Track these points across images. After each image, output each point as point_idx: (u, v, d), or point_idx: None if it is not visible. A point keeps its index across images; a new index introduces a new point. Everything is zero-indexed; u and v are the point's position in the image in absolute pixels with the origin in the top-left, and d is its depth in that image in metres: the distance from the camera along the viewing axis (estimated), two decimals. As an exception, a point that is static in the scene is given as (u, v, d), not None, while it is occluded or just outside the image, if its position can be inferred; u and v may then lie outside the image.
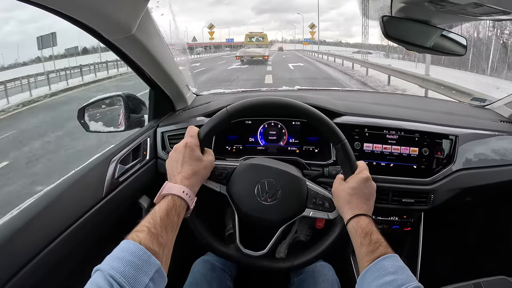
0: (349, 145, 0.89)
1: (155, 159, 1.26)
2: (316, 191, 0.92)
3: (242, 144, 1.29)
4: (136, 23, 0.91)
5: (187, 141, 0.83)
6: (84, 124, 1.29)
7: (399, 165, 1.19)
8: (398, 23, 0.94)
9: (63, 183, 0.94)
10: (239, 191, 0.91)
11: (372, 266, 0.69)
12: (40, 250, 0.76)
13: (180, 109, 1.42)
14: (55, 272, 0.80)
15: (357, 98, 1.58)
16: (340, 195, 0.85)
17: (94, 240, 0.96)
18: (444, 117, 1.30)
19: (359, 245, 0.75)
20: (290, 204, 0.91)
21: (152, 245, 0.61)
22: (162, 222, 0.66)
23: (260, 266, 0.92)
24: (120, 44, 0.99)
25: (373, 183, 0.86)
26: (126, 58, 1.08)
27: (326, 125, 0.90)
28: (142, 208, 1.18)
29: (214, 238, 0.93)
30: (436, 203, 1.18)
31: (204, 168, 0.83)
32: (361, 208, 0.81)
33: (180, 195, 0.73)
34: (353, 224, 0.78)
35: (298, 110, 0.91)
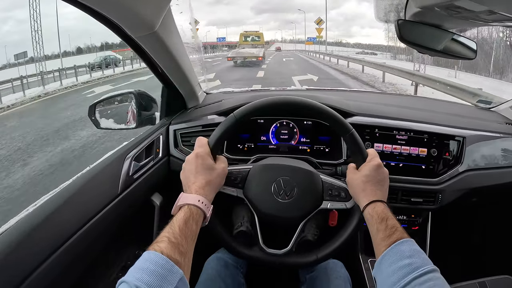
0: (357, 134, 0.91)
1: (167, 156, 1.27)
2: (331, 182, 0.94)
3: (254, 142, 1.30)
4: (160, 20, 0.93)
5: (197, 151, 0.85)
6: (95, 121, 1.30)
7: (408, 165, 1.22)
8: (412, 26, 0.96)
9: (80, 180, 0.96)
10: (256, 192, 0.93)
11: (389, 250, 0.71)
12: (59, 246, 0.77)
13: (192, 107, 1.44)
14: (70, 269, 0.81)
15: (366, 98, 1.60)
16: (355, 183, 0.87)
17: (109, 237, 0.97)
18: (451, 118, 1.32)
19: (376, 231, 0.77)
20: (308, 199, 0.92)
21: (174, 254, 0.62)
22: (181, 231, 0.68)
23: (285, 263, 0.94)
24: (142, 41, 1.00)
25: (385, 169, 0.88)
26: (144, 56, 1.09)
27: (332, 118, 0.92)
28: (154, 205, 1.19)
29: (237, 242, 0.95)
30: (444, 203, 1.20)
31: (217, 176, 0.84)
32: (375, 194, 0.83)
33: (196, 204, 0.75)
34: (369, 210, 0.81)
35: (304, 106, 0.93)
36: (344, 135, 0.92)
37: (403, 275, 0.65)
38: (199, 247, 0.81)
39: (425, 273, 0.64)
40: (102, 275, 1.03)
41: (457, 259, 1.55)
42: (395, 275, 0.66)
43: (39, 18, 22.65)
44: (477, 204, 1.36)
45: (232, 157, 1.24)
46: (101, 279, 1.02)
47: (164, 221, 1.17)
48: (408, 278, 0.64)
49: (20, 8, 57.32)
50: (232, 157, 1.24)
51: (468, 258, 1.57)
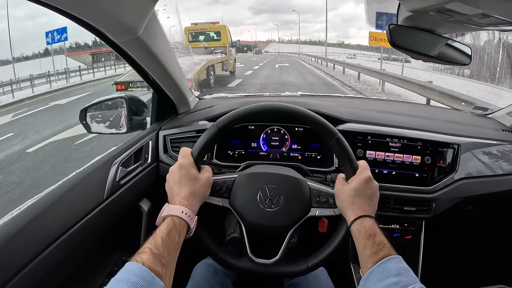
0: (344, 140, 0.88)
1: (156, 162, 1.25)
2: (319, 189, 0.92)
3: (245, 149, 1.28)
4: (143, 26, 0.91)
5: (181, 162, 0.83)
6: (85, 125, 1.29)
7: (402, 173, 1.18)
8: (404, 31, 0.94)
9: (65, 185, 0.94)
10: (242, 201, 0.91)
11: (375, 267, 0.69)
12: (40, 252, 0.75)
13: (183, 112, 1.41)
14: (54, 274, 0.79)
15: (360, 105, 1.58)
16: (343, 196, 0.84)
17: (94, 242, 0.96)
18: (446, 125, 1.29)
19: (363, 247, 0.74)
20: (295, 206, 0.90)
21: (155, 266, 0.61)
22: (164, 243, 0.67)
23: (275, 273, 0.92)
24: (126, 46, 0.98)
25: (375, 182, 0.85)
26: (131, 60, 1.07)
27: (316, 122, 0.89)
28: (142, 211, 1.17)
29: (226, 252, 0.93)
30: (438, 212, 1.17)
31: (201, 186, 0.83)
32: (364, 209, 0.80)
33: (179, 216, 0.74)
34: (356, 226, 0.78)
35: (288, 112, 0.91)
36: (329, 140, 0.88)
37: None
38: (187, 253, 0.79)
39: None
40: (88, 281, 1.02)
41: (451, 268, 1.52)
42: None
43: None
44: (472, 213, 1.33)
45: (222, 163, 1.21)
46: (87, 285, 1.01)
47: (152, 226, 1.15)
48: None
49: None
50: (222, 163, 1.21)
51: (462, 268, 1.54)
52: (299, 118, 0.91)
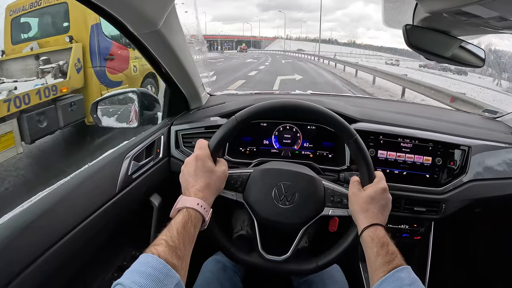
0: (361, 141, 0.90)
1: (168, 157, 1.27)
2: (333, 189, 0.94)
3: (256, 146, 1.30)
4: (163, 18, 0.93)
5: (197, 153, 0.84)
6: (96, 119, 1.31)
7: (412, 174, 1.21)
8: (420, 32, 0.97)
9: (77, 178, 0.95)
10: (256, 197, 0.92)
11: (388, 277, 0.70)
12: (53, 244, 0.76)
13: (195, 108, 1.44)
14: (65, 267, 0.80)
15: (371, 105, 1.60)
16: (358, 201, 0.85)
17: (105, 236, 0.97)
18: (457, 127, 1.32)
19: (375, 255, 0.75)
20: (309, 205, 0.91)
21: (171, 258, 0.62)
22: (179, 235, 0.67)
23: (285, 270, 0.93)
24: (144, 39, 1.00)
25: (389, 195, 0.87)
26: (147, 54, 1.09)
27: (335, 122, 0.91)
28: (153, 206, 1.19)
29: (236, 247, 0.94)
30: (447, 213, 1.19)
31: (217, 179, 0.83)
32: (377, 218, 0.82)
33: (194, 208, 0.74)
34: (369, 233, 0.79)
35: (308, 110, 0.92)
36: (347, 140, 0.91)
37: None
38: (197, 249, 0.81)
39: None
40: (98, 275, 1.03)
41: (460, 271, 1.54)
42: None
43: None
44: (481, 215, 1.35)
45: (233, 160, 1.23)
46: (97, 279, 1.02)
47: (162, 222, 1.17)
48: None
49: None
50: (233, 160, 1.23)
51: (471, 271, 1.56)
52: (319, 117, 0.92)
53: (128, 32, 0.95)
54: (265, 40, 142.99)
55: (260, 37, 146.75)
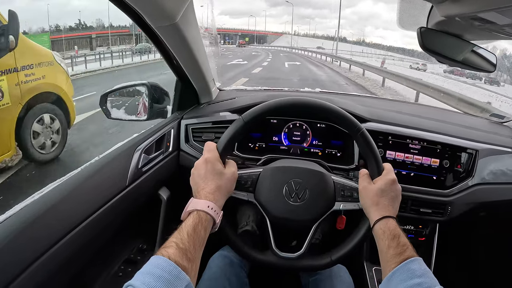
0: (368, 134, 0.92)
1: (177, 151, 1.29)
2: (343, 183, 0.95)
3: (265, 142, 1.32)
4: (181, 12, 0.94)
5: (206, 156, 0.85)
6: (105, 110, 1.32)
7: (420, 175, 1.23)
8: (434, 35, 0.98)
9: (88, 170, 0.96)
10: (267, 196, 0.93)
11: (399, 268, 0.72)
12: (63, 236, 0.77)
13: (205, 102, 1.46)
14: (76, 257, 0.82)
15: (379, 105, 1.62)
16: (368, 195, 0.88)
17: (115, 229, 0.98)
18: (465, 131, 1.34)
19: (387, 247, 0.78)
20: (320, 200, 0.93)
21: (181, 261, 0.63)
22: (190, 237, 0.69)
23: (299, 266, 0.95)
24: (161, 32, 1.02)
25: (399, 186, 0.89)
26: (161, 47, 1.11)
27: (342, 117, 0.93)
28: (161, 199, 1.20)
29: (250, 247, 0.95)
30: (452, 215, 1.22)
31: (227, 180, 0.85)
32: (388, 210, 0.84)
33: (205, 210, 0.75)
34: (380, 225, 0.82)
35: (314, 107, 0.94)
36: (354, 134, 0.93)
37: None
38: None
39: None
40: (105, 267, 1.05)
41: (462, 274, 1.56)
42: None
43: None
44: (485, 219, 1.37)
45: (243, 155, 1.25)
46: (103, 271, 1.03)
47: (170, 216, 1.19)
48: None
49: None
50: (242, 155, 1.25)
51: (473, 274, 1.58)
52: (325, 112, 0.94)
53: (144, 24, 0.97)
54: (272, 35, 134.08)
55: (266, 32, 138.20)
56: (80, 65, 16.10)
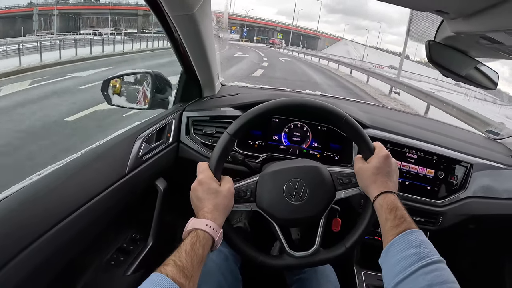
0: (354, 121, 0.96)
1: (177, 142, 1.32)
2: (339, 172, 0.98)
3: (265, 141, 1.36)
4: (200, 3, 0.97)
5: (199, 178, 0.88)
6: (106, 96, 1.33)
7: (414, 184, 1.30)
8: (441, 49, 1.04)
9: (89, 154, 0.98)
10: (269, 201, 0.95)
11: (396, 239, 0.76)
12: (59, 221, 0.78)
13: (207, 96, 1.50)
14: (69, 245, 0.82)
15: (378, 112, 1.67)
16: (365, 175, 0.91)
17: (111, 216, 1.00)
18: (461, 144, 1.40)
19: (384, 220, 0.82)
20: (321, 194, 0.96)
21: (178, 278, 0.66)
22: (187, 255, 0.71)
23: (317, 261, 0.96)
24: (176, 21, 1.04)
25: (393, 159, 0.93)
26: (172, 36, 1.14)
27: (323, 108, 0.97)
28: (158, 190, 1.23)
29: (265, 255, 0.96)
30: (443, 226, 1.28)
31: (223, 198, 0.87)
32: (386, 185, 0.88)
33: (203, 229, 0.78)
34: (379, 201, 0.86)
35: (296, 105, 0.98)
36: (339, 122, 0.96)
37: (409, 263, 0.70)
38: None
39: (431, 263, 0.69)
40: (98, 254, 1.06)
41: None
42: (401, 263, 0.71)
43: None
44: (473, 232, 1.44)
45: (242, 152, 1.29)
46: (96, 257, 1.05)
47: (165, 207, 1.22)
48: (414, 267, 0.69)
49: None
50: (242, 152, 1.29)
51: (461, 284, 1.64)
52: (308, 108, 0.98)
53: (160, 11, 0.99)
54: (326, 38, 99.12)
55: (318, 32, 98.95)
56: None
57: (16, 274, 0.67)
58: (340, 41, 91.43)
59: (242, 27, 79.69)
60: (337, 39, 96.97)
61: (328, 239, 0.99)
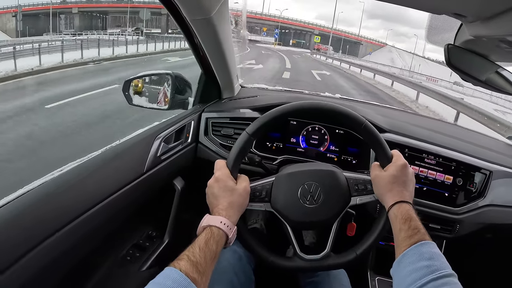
0: (373, 127, 0.96)
1: (196, 143, 1.35)
2: (355, 177, 0.99)
3: (283, 143, 1.37)
4: (217, 7, 1.01)
5: (216, 175, 0.90)
6: (127, 96, 1.38)
7: (432, 190, 1.28)
8: (461, 53, 1.03)
9: (108, 153, 1.02)
10: (284, 202, 0.96)
11: (408, 251, 0.76)
12: (75, 217, 0.81)
13: (226, 98, 1.53)
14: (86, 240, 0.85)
15: (397, 116, 1.67)
16: (381, 183, 0.91)
17: (128, 213, 1.03)
18: (481, 150, 1.38)
19: (398, 231, 0.82)
20: (336, 198, 0.96)
21: (191, 273, 0.67)
22: (201, 251, 0.73)
23: (325, 266, 0.97)
24: (195, 25, 1.08)
25: (411, 169, 0.93)
26: (191, 39, 1.17)
27: (342, 113, 0.97)
28: (175, 189, 1.26)
29: (275, 255, 0.97)
30: (460, 234, 1.26)
31: (239, 196, 0.89)
32: (402, 195, 0.88)
33: (217, 226, 0.80)
34: (394, 210, 0.86)
35: (316, 108, 0.98)
36: (358, 128, 0.96)
37: (421, 276, 0.70)
38: None
39: (442, 276, 0.69)
40: (114, 249, 1.09)
41: None
42: (412, 275, 0.71)
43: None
44: (490, 241, 1.41)
45: (259, 153, 1.31)
46: (112, 253, 1.08)
47: (182, 206, 1.25)
48: (425, 279, 0.69)
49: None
50: (259, 153, 1.31)
51: None
52: (327, 112, 0.99)
53: (178, 15, 1.03)
54: (368, 43, 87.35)
55: (359, 37, 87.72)
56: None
57: (33, 266, 0.69)
58: (384, 47, 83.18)
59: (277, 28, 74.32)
60: (380, 45, 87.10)
61: (342, 243, 1.00)
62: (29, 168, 4.41)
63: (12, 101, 8.01)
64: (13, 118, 6.67)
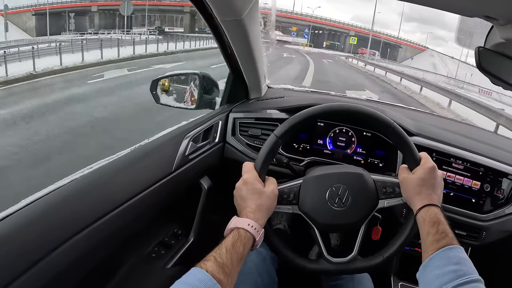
0: (401, 129, 0.95)
1: (223, 143, 1.37)
2: (383, 180, 0.98)
3: (310, 144, 1.38)
4: (248, 9, 1.02)
5: (245, 177, 0.90)
6: (155, 96, 1.42)
7: (459, 196, 1.26)
8: (492, 56, 1.02)
9: (137, 152, 1.04)
10: (311, 205, 0.96)
11: (436, 255, 0.76)
12: (104, 215, 0.82)
13: (254, 98, 1.55)
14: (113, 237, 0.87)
15: (425, 119, 1.65)
16: (409, 186, 0.91)
17: (155, 211, 1.05)
18: (510, 156, 1.35)
19: (426, 234, 0.81)
20: (364, 201, 0.96)
21: (218, 274, 0.68)
22: (228, 252, 0.74)
23: (352, 269, 0.97)
24: (225, 26, 1.10)
25: (439, 172, 0.92)
26: (221, 39, 1.19)
27: (370, 115, 0.97)
28: (202, 188, 1.27)
29: (302, 257, 0.97)
30: (486, 241, 1.23)
31: (267, 198, 0.88)
32: (430, 198, 0.87)
33: (245, 228, 0.80)
34: (422, 214, 0.85)
35: (344, 110, 0.99)
36: (386, 130, 0.96)
37: (447, 280, 0.70)
38: None
39: (469, 282, 0.69)
40: (139, 246, 1.12)
41: None
42: (438, 280, 0.71)
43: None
44: None
45: (286, 154, 1.32)
46: (138, 250, 1.10)
47: (208, 205, 1.27)
48: (451, 284, 0.69)
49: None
50: (287, 155, 1.32)
51: None
52: (355, 114, 0.99)
53: (209, 17, 1.05)
54: (407, 47, 78.43)
55: (398, 39, 79.58)
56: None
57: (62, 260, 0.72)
58: (425, 52, 75.16)
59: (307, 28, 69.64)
60: (421, 48, 78.01)
61: (366, 247, 1.00)
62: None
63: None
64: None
